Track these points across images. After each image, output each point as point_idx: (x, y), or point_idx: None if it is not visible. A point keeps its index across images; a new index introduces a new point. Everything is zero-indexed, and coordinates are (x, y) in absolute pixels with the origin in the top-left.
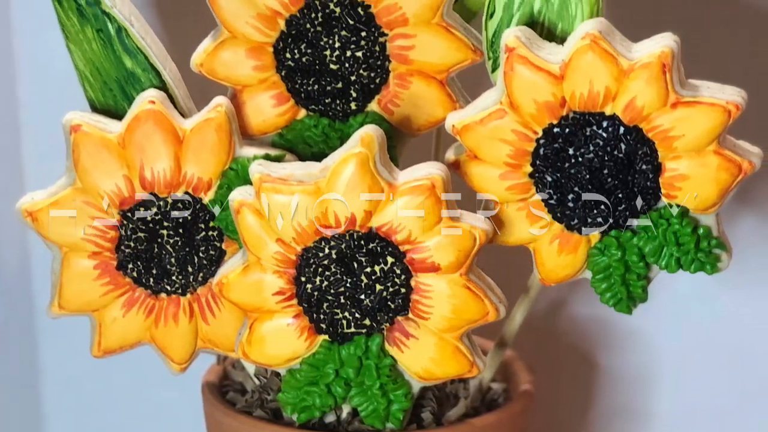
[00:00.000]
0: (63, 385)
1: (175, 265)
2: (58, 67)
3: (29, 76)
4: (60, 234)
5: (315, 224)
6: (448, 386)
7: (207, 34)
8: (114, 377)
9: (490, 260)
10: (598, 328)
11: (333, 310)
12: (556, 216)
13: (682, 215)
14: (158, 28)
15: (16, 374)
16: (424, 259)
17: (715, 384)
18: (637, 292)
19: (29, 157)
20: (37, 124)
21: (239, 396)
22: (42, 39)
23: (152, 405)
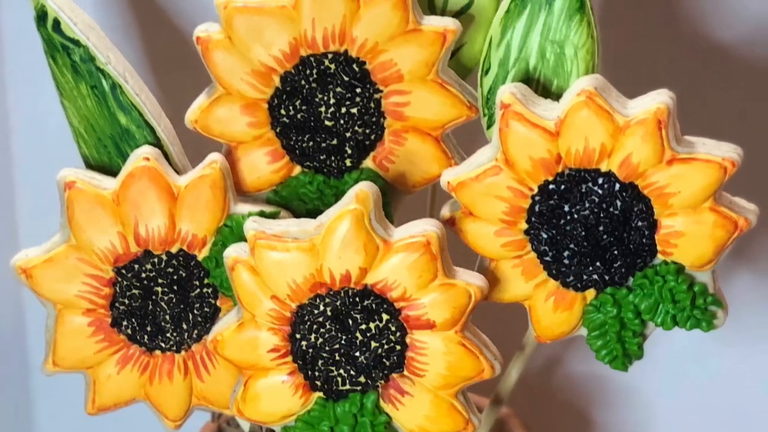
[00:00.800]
0: None
1: (169, 322)
2: (52, 124)
3: (24, 132)
4: (54, 291)
5: (309, 282)
6: None
7: (202, 91)
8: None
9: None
10: (594, 386)
11: (328, 367)
12: (552, 273)
13: (678, 272)
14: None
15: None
16: (419, 317)
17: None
18: (633, 350)
19: (24, 213)
20: (31, 181)
21: None
22: (36, 95)
23: None
